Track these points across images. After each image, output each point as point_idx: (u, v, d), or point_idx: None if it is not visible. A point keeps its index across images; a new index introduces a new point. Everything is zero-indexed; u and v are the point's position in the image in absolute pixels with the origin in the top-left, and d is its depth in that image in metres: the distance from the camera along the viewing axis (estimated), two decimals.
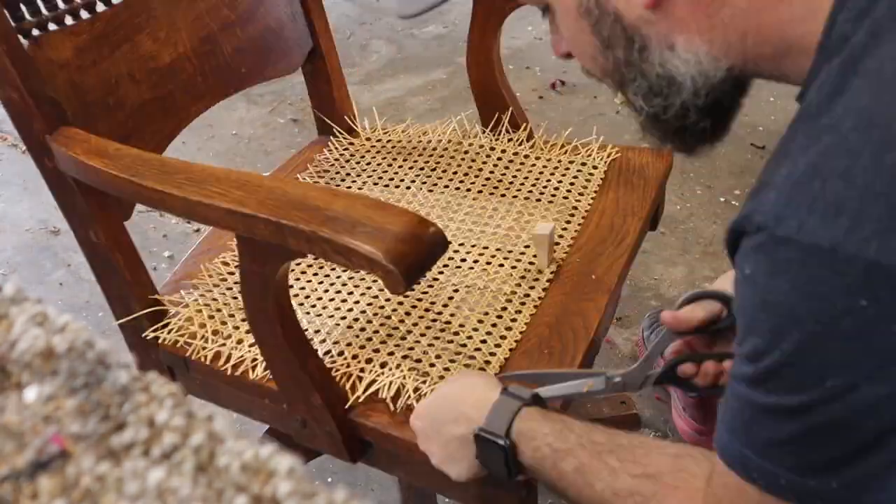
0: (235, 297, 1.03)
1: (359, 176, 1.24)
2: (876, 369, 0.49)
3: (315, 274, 1.06)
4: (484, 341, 0.94)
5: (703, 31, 0.59)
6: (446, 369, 0.90)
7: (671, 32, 0.60)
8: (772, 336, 0.52)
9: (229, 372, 0.94)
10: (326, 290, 1.03)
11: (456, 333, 0.95)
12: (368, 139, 1.32)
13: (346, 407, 0.88)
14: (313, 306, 1.01)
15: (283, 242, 0.72)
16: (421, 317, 0.98)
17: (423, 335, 0.95)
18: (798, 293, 0.50)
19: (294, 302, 1.01)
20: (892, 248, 0.46)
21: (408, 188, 1.21)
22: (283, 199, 0.73)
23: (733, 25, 0.58)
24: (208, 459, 0.29)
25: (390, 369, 0.91)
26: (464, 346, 0.93)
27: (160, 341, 0.99)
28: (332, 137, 1.33)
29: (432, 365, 0.91)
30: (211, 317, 1.01)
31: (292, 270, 1.04)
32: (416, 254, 0.66)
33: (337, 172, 1.26)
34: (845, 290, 0.48)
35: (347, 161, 1.28)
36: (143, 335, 0.99)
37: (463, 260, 1.06)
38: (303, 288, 1.04)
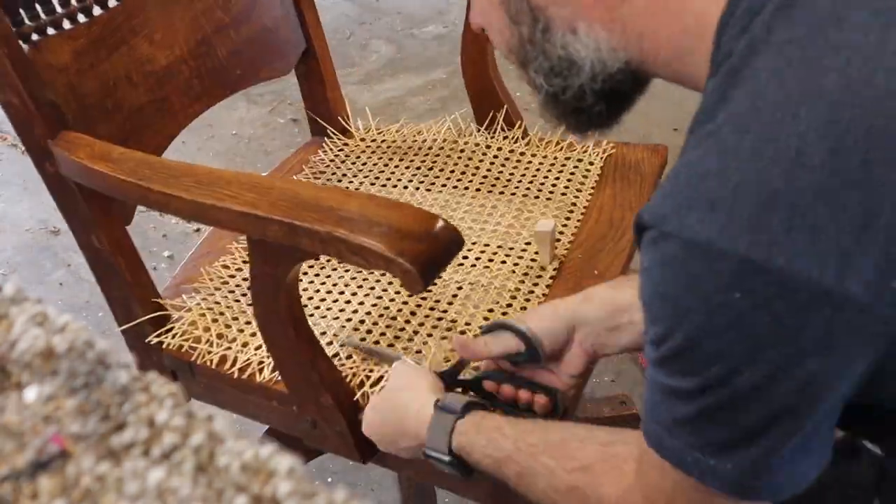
0: (238, 301, 1.03)
1: (355, 176, 1.24)
2: (756, 355, 0.53)
3: (317, 274, 1.06)
4: None
5: (604, 22, 0.62)
6: None
7: (575, 17, 0.63)
8: (666, 325, 0.55)
9: (236, 375, 0.94)
10: (329, 291, 1.03)
11: (462, 332, 0.95)
12: (363, 139, 1.32)
13: (357, 407, 0.88)
14: (317, 308, 1.01)
15: (296, 244, 0.72)
16: (427, 316, 0.98)
17: (430, 335, 0.95)
18: (682, 286, 0.53)
19: None
20: (761, 243, 0.49)
21: (405, 188, 1.21)
22: (296, 200, 0.72)
23: (632, 24, 0.61)
24: (208, 459, 0.29)
25: None
26: None
27: (164, 346, 0.99)
28: (326, 138, 1.32)
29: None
30: (214, 320, 1.00)
31: None
32: (432, 252, 0.67)
33: (333, 173, 1.25)
34: (721, 283, 0.51)
35: (343, 162, 1.28)
36: (147, 340, 0.99)
37: (465, 258, 1.06)
38: (305, 289, 1.03)
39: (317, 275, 1.06)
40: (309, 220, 0.70)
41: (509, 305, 0.98)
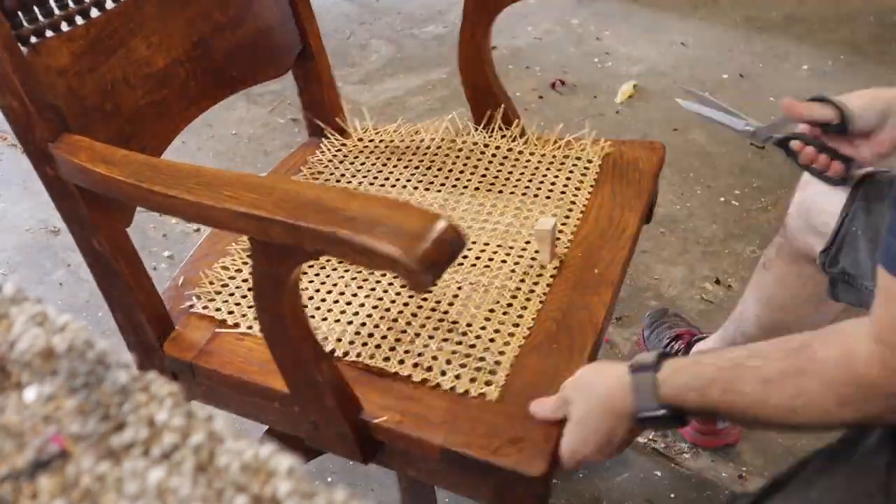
0: (238, 304, 1.03)
1: (353, 177, 1.24)
2: None
3: (317, 274, 1.06)
4: (493, 340, 0.94)
5: None
6: (457, 376, 0.90)
7: None
8: None
9: (237, 377, 0.94)
10: (329, 292, 1.03)
11: (464, 334, 0.95)
12: (361, 140, 1.32)
13: (358, 406, 0.88)
14: (318, 308, 1.01)
15: (299, 244, 0.72)
16: (428, 317, 0.98)
17: (431, 337, 0.95)
18: None
19: None
20: None
21: (403, 187, 1.21)
22: (299, 200, 0.72)
23: None
24: (208, 459, 0.29)
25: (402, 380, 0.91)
26: (473, 346, 0.93)
27: (171, 356, 0.99)
28: (324, 139, 1.32)
29: (443, 373, 0.91)
30: (221, 322, 1.00)
31: None
32: (436, 251, 0.66)
33: (331, 174, 1.25)
34: None
35: (341, 162, 1.27)
36: (174, 370, 0.99)
37: (464, 257, 1.06)
38: (305, 288, 1.03)
39: (317, 275, 1.06)
40: (312, 220, 0.70)
41: (510, 305, 0.98)
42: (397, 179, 1.22)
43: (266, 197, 0.73)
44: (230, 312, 1.02)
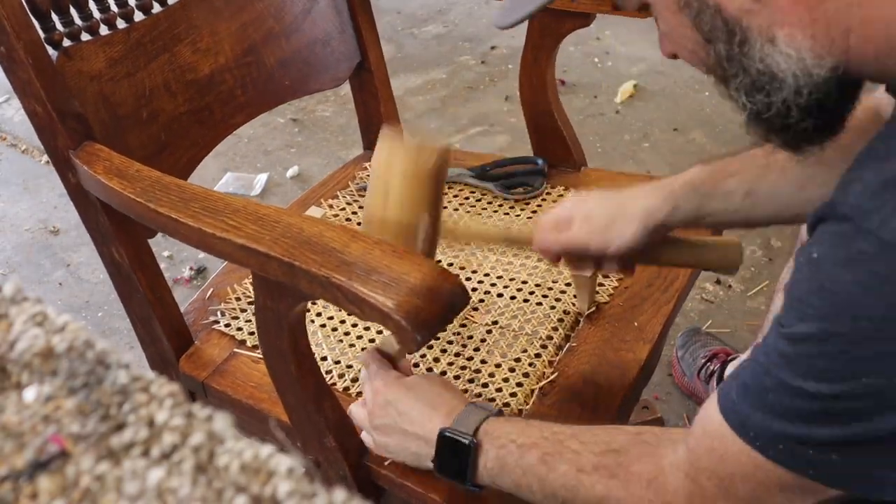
0: None
1: None
2: None
3: None
4: (514, 395, 0.89)
5: (805, 25, 0.56)
6: None
7: (772, 25, 0.58)
8: (821, 324, 0.52)
9: (246, 402, 0.92)
10: (355, 324, 1.00)
11: (485, 385, 0.91)
12: None
13: (362, 448, 0.85)
14: (347, 334, 0.98)
15: (295, 283, 0.68)
16: (451, 363, 0.94)
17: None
18: (861, 286, 0.50)
19: (318, 327, 0.98)
20: None
21: (455, 210, 1.17)
22: (299, 237, 0.68)
23: (836, 21, 0.56)
24: (208, 459, 0.29)
25: None
26: (492, 400, 0.89)
27: (193, 373, 0.97)
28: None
29: None
30: (241, 342, 0.99)
31: None
32: (431, 309, 0.62)
33: None
34: None
35: None
36: (187, 387, 0.97)
37: (500, 295, 1.01)
38: (331, 317, 1.00)
39: None
40: (308, 261, 0.66)
41: (538, 356, 0.93)
42: (449, 201, 1.18)
43: (268, 230, 0.69)
44: (251, 333, 0.99)
